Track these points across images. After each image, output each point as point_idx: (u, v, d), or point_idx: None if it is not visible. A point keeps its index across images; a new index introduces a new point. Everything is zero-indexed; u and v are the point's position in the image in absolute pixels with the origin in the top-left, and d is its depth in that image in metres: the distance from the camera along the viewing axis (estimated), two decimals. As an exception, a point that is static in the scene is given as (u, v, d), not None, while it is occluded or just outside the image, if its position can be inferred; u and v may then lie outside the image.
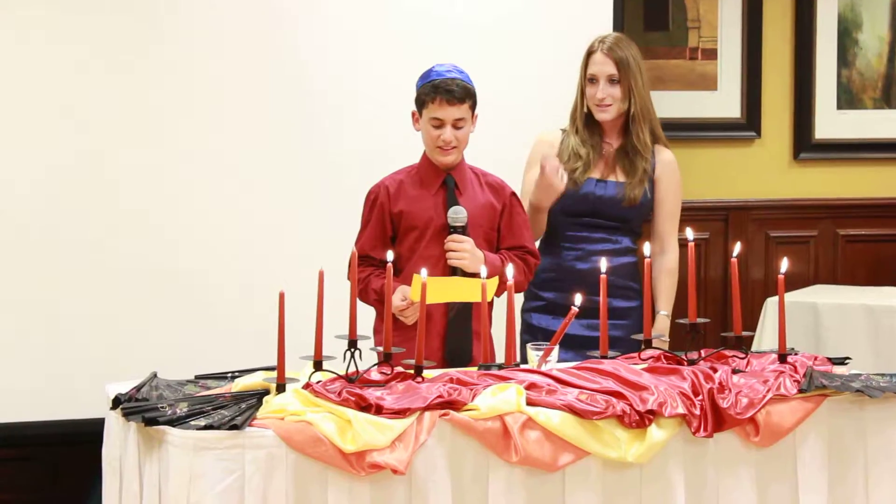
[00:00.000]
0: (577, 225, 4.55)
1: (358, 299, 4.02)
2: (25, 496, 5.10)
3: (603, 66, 4.52)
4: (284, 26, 5.10)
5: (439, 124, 4.11)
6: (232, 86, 5.04)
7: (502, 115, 4.92)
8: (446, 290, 3.93)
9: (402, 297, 4.00)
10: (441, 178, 4.17)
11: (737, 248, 3.90)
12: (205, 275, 5.00)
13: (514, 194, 4.27)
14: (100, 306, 4.91)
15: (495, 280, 3.91)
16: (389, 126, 5.04)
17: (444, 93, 4.07)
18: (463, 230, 4.10)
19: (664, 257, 4.60)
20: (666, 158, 4.60)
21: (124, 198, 4.94)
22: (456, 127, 4.11)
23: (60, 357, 4.88)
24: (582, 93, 4.59)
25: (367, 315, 4.05)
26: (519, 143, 4.76)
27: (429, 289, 3.58)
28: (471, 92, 4.12)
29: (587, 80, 4.56)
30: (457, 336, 4.10)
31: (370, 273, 4.11)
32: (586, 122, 4.58)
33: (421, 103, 4.14)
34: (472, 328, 4.12)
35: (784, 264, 3.86)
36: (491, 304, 3.99)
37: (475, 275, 3.91)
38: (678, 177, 4.62)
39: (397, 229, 4.17)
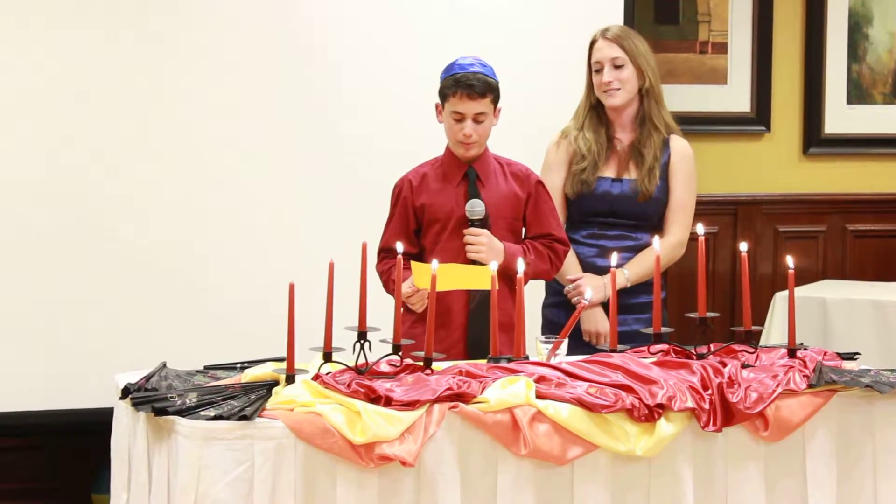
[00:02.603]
0: (596, 223, 4.55)
1: (384, 291, 4.06)
2: (34, 485, 5.11)
3: (606, 50, 4.53)
4: (296, 16, 5.10)
5: (460, 118, 4.11)
6: (240, 79, 5.04)
7: (513, 106, 4.91)
8: (456, 278, 3.94)
9: (410, 283, 4.01)
10: (463, 171, 4.17)
11: (743, 245, 3.89)
12: (214, 265, 5.01)
13: (539, 182, 4.26)
14: (109, 297, 4.92)
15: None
16: (401, 118, 5.05)
17: (464, 87, 4.07)
18: (482, 223, 4.11)
19: (663, 239, 4.55)
20: (679, 148, 4.59)
21: (132, 189, 4.95)
22: (476, 121, 4.11)
23: (69, 347, 4.88)
24: (590, 86, 4.59)
25: (376, 307, 4.04)
26: (531, 134, 4.77)
27: (439, 276, 3.58)
28: (492, 86, 4.12)
29: (593, 70, 4.56)
30: (478, 329, 4.09)
31: (392, 264, 4.11)
32: (594, 117, 4.57)
33: (443, 96, 4.14)
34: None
35: (791, 260, 3.86)
36: (511, 297, 4.01)
37: None
38: (689, 166, 4.59)
39: (421, 222, 4.18)
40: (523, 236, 4.24)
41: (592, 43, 4.57)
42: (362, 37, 5.16)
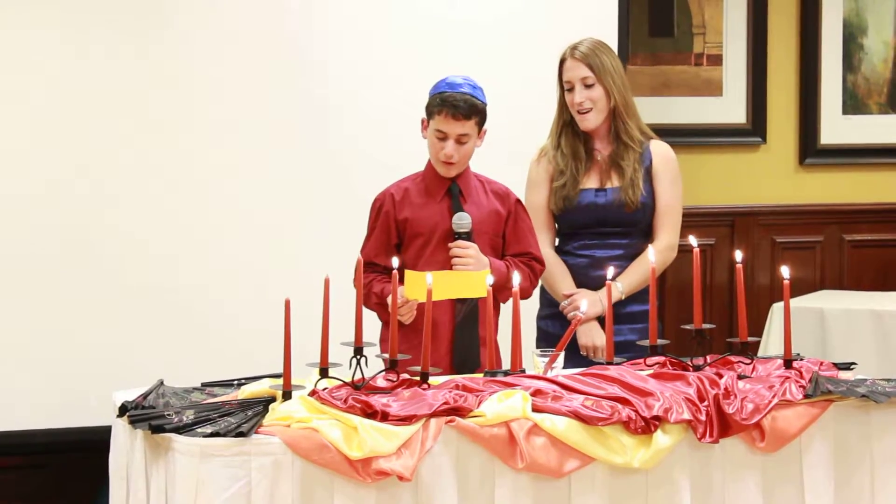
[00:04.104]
0: (587, 234, 4.55)
1: (364, 305, 4.06)
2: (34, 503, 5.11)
3: (575, 70, 4.52)
4: (290, 30, 5.11)
5: (443, 137, 4.11)
6: (234, 92, 5.05)
7: (503, 122, 4.93)
8: (449, 286, 3.94)
9: (399, 294, 4.00)
10: (446, 186, 4.18)
11: (738, 255, 3.90)
12: (211, 282, 5.01)
13: (518, 201, 4.28)
14: (107, 314, 4.92)
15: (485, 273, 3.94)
16: (396, 132, 5.06)
17: (449, 107, 4.07)
18: (468, 236, 4.11)
19: (654, 244, 4.56)
20: (660, 151, 4.56)
21: (131, 206, 4.95)
22: (459, 142, 4.11)
23: (68, 365, 4.89)
24: (562, 105, 4.59)
25: (372, 322, 4.06)
26: (519, 151, 4.78)
27: (433, 284, 3.58)
28: (478, 108, 4.11)
29: (565, 89, 4.56)
30: (464, 343, 4.11)
31: (372, 279, 4.12)
32: (569, 133, 4.58)
33: (429, 114, 4.14)
34: (478, 334, 4.13)
35: (785, 271, 3.86)
36: (497, 310, 4.00)
37: None
38: (672, 169, 4.56)
39: (403, 236, 4.17)
40: (502, 254, 4.25)
41: (562, 61, 4.57)
42: (361, 49, 5.17)
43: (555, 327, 4.51)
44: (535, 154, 4.64)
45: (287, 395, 3.38)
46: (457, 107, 4.07)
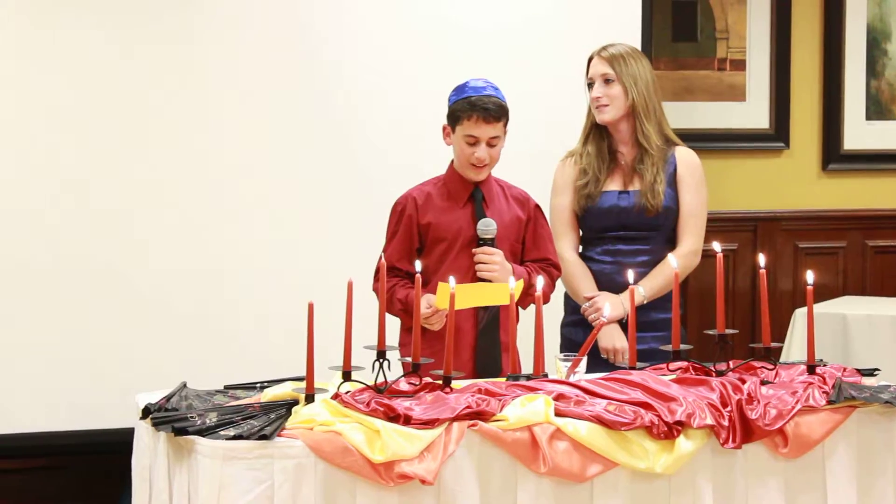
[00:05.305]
0: (610, 238, 4.55)
1: (387, 311, 4.05)
2: (57, 505, 5.13)
3: (598, 67, 4.55)
4: (312, 33, 5.13)
5: (474, 142, 4.10)
6: (252, 94, 5.06)
7: (527, 125, 4.92)
8: (473, 296, 3.94)
9: (428, 304, 4.00)
10: (469, 191, 4.17)
11: (762, 259, 3.89)
12: (234, 285, 5.03)
13: (538, 207, 4.27)
14: (130, 317, 4.94)
15: (520, 284, 3.93)
16: (417, 134, 5.06)
17: (481, 111, 4.06)
18: (492, 242, 4.11)
19: (676, 250, 4.55)
20: (685, 157, 4.58)
21: (153, 208, 4.97)
22: (490, 145, 4.10)
23: (90, 367, 4.90)
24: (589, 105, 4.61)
25: (395, 325, 4.06)
26: (540, 156, 4.78)
27: (456, 295, 3.58)
28: (505, 109, 4.11)
29: (588, 86, 4.59)
30: (487, 348, 4.10)
31: (395, 283, 4.11)
32: (596, 134, 4.59)
33: (456, 119, 4.12)
34: (500, 340, 4.12)
35: (810, 276, 3.86)
36: (517, 316, 4.00)
37: None
38: (697, 175, 4.58)
39: (425, 241, 4.17)
40: (520, 259, 4.24)
41: (590, 59, 4.60)
42: (382, 51, 5.19)
43: (579, 335, 4.51)
44: (562, 156, 4.64)
45: (310, 399, 3.38)
46: (488, 110, 4.06)
